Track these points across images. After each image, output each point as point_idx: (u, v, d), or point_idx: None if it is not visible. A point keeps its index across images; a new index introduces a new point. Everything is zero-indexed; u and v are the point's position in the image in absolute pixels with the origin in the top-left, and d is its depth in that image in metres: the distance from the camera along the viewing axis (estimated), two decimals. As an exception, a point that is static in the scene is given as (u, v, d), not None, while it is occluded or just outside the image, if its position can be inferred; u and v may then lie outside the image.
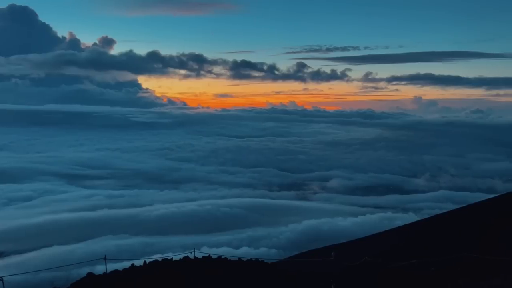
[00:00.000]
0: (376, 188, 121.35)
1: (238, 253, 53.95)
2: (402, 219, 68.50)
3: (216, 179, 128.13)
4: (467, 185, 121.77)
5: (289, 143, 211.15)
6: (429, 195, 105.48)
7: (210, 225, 73.08)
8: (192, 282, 15.43)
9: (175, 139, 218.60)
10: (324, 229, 69.81)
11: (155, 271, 16.29)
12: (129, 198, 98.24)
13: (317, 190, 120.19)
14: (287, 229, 70.18)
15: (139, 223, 74.44)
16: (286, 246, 61.94)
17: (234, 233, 69.40)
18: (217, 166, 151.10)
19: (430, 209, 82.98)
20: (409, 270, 17.50)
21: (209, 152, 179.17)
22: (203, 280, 15.56)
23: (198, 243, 58.56)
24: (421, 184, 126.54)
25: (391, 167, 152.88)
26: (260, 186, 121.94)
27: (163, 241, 64.12)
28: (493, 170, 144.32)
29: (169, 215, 78.73)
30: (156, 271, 16.36)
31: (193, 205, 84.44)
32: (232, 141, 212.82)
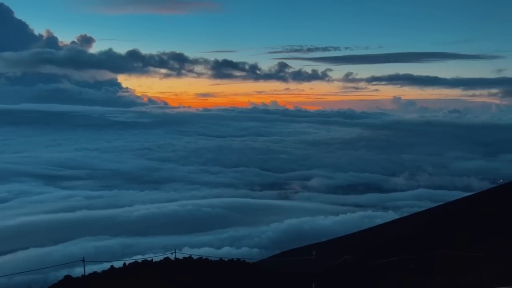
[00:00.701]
0: (356, 187, 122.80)
1: (220, 253, 53.80)
2: (382, 217, 69.54)
3: (197, 179, 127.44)
4: (445, 183, 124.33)
5: (271, 142, 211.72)
6: (408, 193, 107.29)
7: (191, 225, 72.67)
8: (173, 283, 15.26)
9: (155, 139, 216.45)
10: (306, 228, 70.24)
11: (135, 273, 16.05)
12: (109, 199, 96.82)
13: (299, 189, 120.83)
14: (268, 229, 70.32)
15: (118, 224, 73.47)
16: (268, 246, 62.06)
17: (216, 233, 69.17)
18: (198, 166, 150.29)
19: (409, 207, 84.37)
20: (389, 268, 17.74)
21: (190, 152, 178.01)
22: (184, 280, 15.41)
23: (179, 243, 58.12)
24: (400, 182, 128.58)
25: (371, 166, 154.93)
26: (242, 185, 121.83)
27: (143, 242, 63.43)
28: (470, 168, 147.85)
29: (149, 215, 77.93)
30: (136, 272, 16.12)
31: (174, 206, 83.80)
32: (213, 141, 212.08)
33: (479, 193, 41.68)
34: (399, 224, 39.29)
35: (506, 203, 29.61)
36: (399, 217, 49.95)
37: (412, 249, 23.02)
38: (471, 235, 24.55)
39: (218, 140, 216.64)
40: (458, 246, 19.88)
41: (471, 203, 35.57)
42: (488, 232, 23.88)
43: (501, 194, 34.92)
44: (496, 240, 20.69)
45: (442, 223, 30.90)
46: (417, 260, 18.94)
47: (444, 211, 36.78)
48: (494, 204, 30.71)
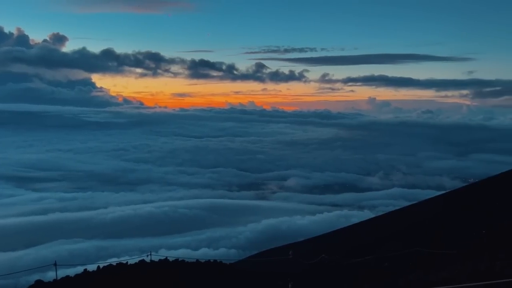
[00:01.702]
0: (332, 187, 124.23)
1: (197, 254, 53.42)
2: (358, 216, 70.55)
3: (174, 180, 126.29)
4: (418, 182, 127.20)
5: (248, 143, 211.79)
6: (383, 192, 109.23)
7: (168, 227, 71.95)
8: (148, 286, 15.03)
9: (130, 140, 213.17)
10: (283, 228, 70.58)
11: (109, 276, 15.73)
12: (83, 201, 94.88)
13: (276, 190, 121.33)
14: (246, 229, 70.35)
15: (93, 227, 72.12)
16: (246, 246, 62.05)
17: (193, 234, 68.71)
18: (175, 166, 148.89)
19: (384, 206, 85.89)
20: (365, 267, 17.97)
21: (167, 153, 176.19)
22: (160, 283, 15.20)
23: (155, 245, 57.42)
24: (376, 182, 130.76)
25: (347, 166, 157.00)
26: (219, 186, 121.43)
27: (118, 245, 62.44)
28: (442, 168, 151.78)
29: (125, 217, 76.73)
30: (110, 275, 15.80)
31: (150, 207, 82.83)
32: (190, 141, 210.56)
33: (451, 192, 42.85)
34: (374, 223, 39.94)
35: (476, 201, 30.50)
36: (374, 216, 50.75)
37: (387, 248, 23.42)
38: (444, 233, 25.16)
39: (195, 140, 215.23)
40: (432, 243, 20.33)
41: (444, 202, 36.49)
42: (460, 230, 24.52)
43: (471, 193, 35.95)
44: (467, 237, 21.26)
45: (417, 222, 31.59)
46: (392, 258, 19.27)
47: (418, 210, 37.62)
48: (465, 202, 31.60)
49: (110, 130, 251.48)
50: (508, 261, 7.71)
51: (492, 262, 8.06)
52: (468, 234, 21.46)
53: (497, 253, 9.34)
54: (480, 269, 7.86)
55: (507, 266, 7.35)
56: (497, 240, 14.23)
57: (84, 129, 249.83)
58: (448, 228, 26.09)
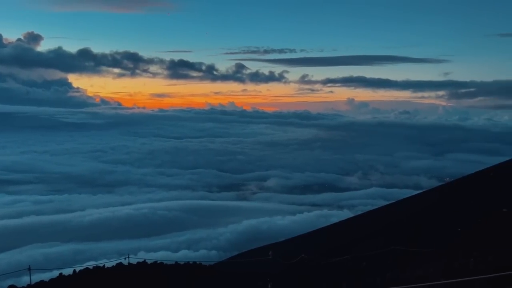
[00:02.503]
0: (312, 187, 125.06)
1: (177, 256, 52.94)
2: (337, 216, 71.17)
3: (153, 181, 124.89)
4: (396, 182, 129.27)
5: (229, 143, 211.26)
6: (362, 192, 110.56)
7: (147, 229, 71.11)
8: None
9: (108, 141, 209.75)
10: (264, 228, 70.65)
11: (85, 280, 15.40)
12: (59, 204, 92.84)
13: (257, 190, 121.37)
14: (227, 230, 70.12)
15: (70, 230, 70.74)
16: (226, 247, 61.86)
17: (173, 236, 68.10)
18: (154, 168, 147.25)
19: (363, 205, 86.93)
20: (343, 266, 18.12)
21: (145, 154, 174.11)
22: (137, 286, 14.96)
23: (134, 248, 56.80)
24: (354, 182, 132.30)
25: (327, 166, 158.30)
26: (200, 187, 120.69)
27: (96, 248, 61.39)
28: (419, 167, 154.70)
29: (103, 220, 75.48)
30: (86, 279, 15.46)
31: (128, 209, 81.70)
32: (169, 142, 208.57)
33: (427, 191, 43.72)
34: (353, 222, 40.39)
35: (452, 200, 31.21)
36: (353, 216, 51.34)
37: (366, 247, 23.70)
38: (421, 231, 25.63)
39: (174, 141, 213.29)
40: (409, 242, 20.67)
41: (421, 201, 37.20)
42: (436, 228, 25.02)
43: (447, 192, 36.76)
44: (443, 235, 21.69)
45: (395, 221, 32.09)
46: (370, 257, 19.50)
47: (396, 209, 38.24)
48: (441, 201, 32.28)
49: (87, 131, 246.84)
50: (481, 258, 7.89)
51: (466, 260, 8.23)
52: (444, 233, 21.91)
53: (471, 251, 9.56)
54: (455, 266, 8.01)
55: (480, 263, 7.51)
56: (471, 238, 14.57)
57: (60, 130, 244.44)
58: (425, 226, 26.59)
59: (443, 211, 29.01)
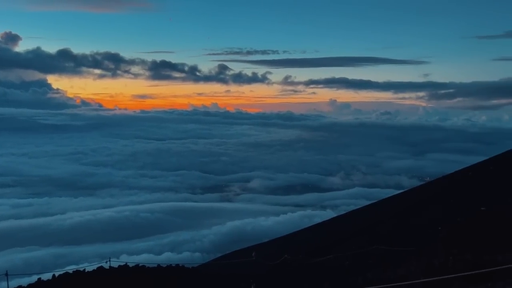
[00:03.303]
0: (295, 187, 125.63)
1: (160, 259, 52.50)
2: (320, 216, 71.69)
3: (135, 183, 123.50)
4: (378, 182, 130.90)
5: (212, 145, 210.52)
6: (345, 192, 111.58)
7: (129, 232, 70.32)
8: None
9: (89, 143, 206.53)
10: (248, 229, 70.68)
11: (65, 285, 15.09)
12: (38, 207, 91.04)
13: (240, 191, 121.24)
14: (210, 232, 69.86)
15: (50, 234, 69.42)
16: (210, 249, 61.65)
17: (156, 239, 67.50)
18: (136, 170, 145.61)
19: (346, 205, 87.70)
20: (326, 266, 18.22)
21: (127, 156, 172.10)
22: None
23: (116, 251, 56.01)
24: (337, 182, 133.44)
25: (310, 166, 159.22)
26: (183, 189, 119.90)
27: (77, 251, 60.45)
28: (400, 167, 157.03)
29: (84, 223, 74.32)
30: (65, 284, 15.16)
31: (110, 212, 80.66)
32: (152, 144, 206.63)
33: (408, 191, 44.39)
34: (336, 222, 40.70)
35: (432, 199, 31.74)
36: (336, 216, 51.74)
37: (348, 246, 23.91)
38: (402, 230, 25.98)
39: (156, 143, 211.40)
40: (391, 241, 20.93)
41: (402, 200, 37.73)
42: (418, 227, 25.40)
43: (428, 191, 37.38)
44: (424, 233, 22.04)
45: (377, 220, 32.45)
46: (352, 256, 19.68)
47: (378, 209, 38.70)
48: (422, 201, 32.79)
49: (68, 133, 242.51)
50: (460, 256, 8.03)
51: (446, 258, 8.37)
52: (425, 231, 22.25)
53: (451, 249, 9.73)
54: (435, 264, 8.14)
55: (459, 261, 7.65)
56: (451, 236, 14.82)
57: (39, 132, 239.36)
58: (407, 225, 26.97)
59: (424, 210, 29.46)
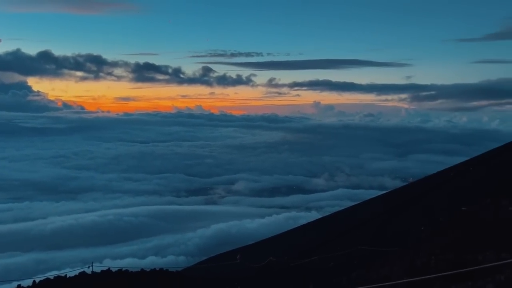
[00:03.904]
0: (280, 189, 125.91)
1: (144, 263, 52.00)
2: (305, 217, 71.93)
3: (118, 187, 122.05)
4: (362, 183, 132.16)
5: (196, 147, 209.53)
6: (329, 193, 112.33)
7: (113, 236, 69.55)
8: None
9: (71, 146, 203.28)
10: (233, 232, 70.53)
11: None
12: (19, 212, 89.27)
13: (225, 194, 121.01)
14: (195, 235, 69.56)
15: (31, 239, 68.19)
16: (195, 252, 61.33)
17: (140, 243, 66.92)
18: (119, 173, 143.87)
19: (330, 206, 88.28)
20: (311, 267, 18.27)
21: (110, 159, 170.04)
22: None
23: (99, 256, 55.31)
24: (321, 183, 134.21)
25: (294, 168, 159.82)
26: (167, 192, 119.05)
27: (59, 256, 59.54)
28: (383, 168, 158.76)
29: (66, 227, 73.20)
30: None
31: (93, 216, 79.65)
32: (135, 147, 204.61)
33: (392, 191, 44.90)
34: (321, 223, 40.89)
35: (415, 199, 32.17)
36: (321, 217, 51.98)
37: (333, 247, 24.02)
38: (386, 231, 26.25)
39: (140, 146, 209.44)
40: (375, 242, 21.12)
41: (386, 201, 38.13)
42: (401, 227, 25.71)
43: (410, 192, 37.88)
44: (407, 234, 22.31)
45: (361, 221, 32.73)
46: (337, 257, 19.78)
47: (362, 209, 39.03)
48: (405, 201, 33.20)
49: (49, 136, 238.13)
50: (442, 255, 8.14)
51: (428, 258, 8.47)
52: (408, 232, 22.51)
53: (433, 249, 9.86)
54: (417, 264, 8.23)
55: (441, 260, 7.75)
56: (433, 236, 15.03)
57: (20, 136, 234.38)
58: (390, 226, 27.27)
59: (407, 210, 29.84)
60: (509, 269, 6.44)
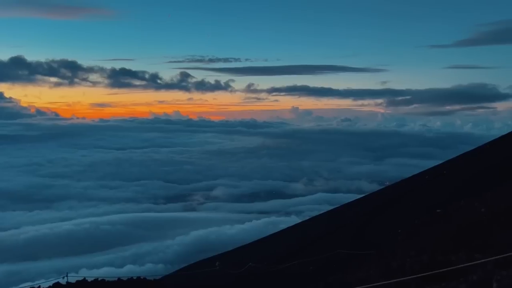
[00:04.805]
0: (260, 194, 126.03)
1: (122, 272, 51.07)
2: (285, 222, 72.05)
3: (94, 195, 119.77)
4: (340, 187, 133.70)
5: (174, 153, 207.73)
6: (308, 198, 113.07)
7: (89, 245, 68.20)
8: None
9: (45, 153, 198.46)
10: (212, 238, 70.11)
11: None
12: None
13: (205, 200, 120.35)
14: (174, 242, 68.91)
15: (3, 250, 66.10)
16: (174, 260, 60.66)
17: (117, 252, 65.78)
18: (96, 181, 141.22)
19: (310, 211, 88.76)
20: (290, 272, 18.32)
21: (86, 166, 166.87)
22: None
23: (75, 265, 54.06)
24: (300, 188, 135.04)
25: (274, 173, 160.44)
26: (145, 199, 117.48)
27: (33, 268, 57.83)
28: (361, 172, 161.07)
29: (40, 237, 71.33)
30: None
31: (68, 225, 77.98)
32: (111, 154, 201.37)
33: (369, 195, 45.53)
34: (301, 228, 41.08)
35: (392, 202, 32.70)
36: (301, 221, 52.24)
37: (313, 252, 24.16)
38: (364, 234, 26.57)
39: (117, 152, 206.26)
40: (353, 245, 21.35)
41: (364, 204, 38.62)
42: (378, 230, 26.06)
43: (387, 195, 38.48)
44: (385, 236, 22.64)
45: (340, 224, 33.04)
46: (316, 262, 19.90)
47: (341, 213, 39.43)
48: (382, 204, 33.71)
49: (22, 143, 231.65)
50: (417, 257, 8.30)
51: (403, 260, 8.63)
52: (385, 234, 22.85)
53: (408, 251, 10.05)
54: (393, 266, 8.37)
55: (416, 262, 7.90)
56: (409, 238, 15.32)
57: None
58: (368, 229, 27.62)
59: (384, 213, 30.29)
60: (481, 269, 6.63)
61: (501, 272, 6.17)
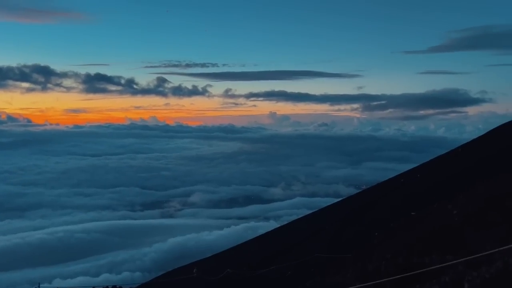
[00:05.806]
0: (238, 200, 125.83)
1: (97, 281, 49.96)
2: (264, 227, 72.15)
3: (69, 202, 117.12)
4: (318, 191, 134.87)
5: (151, 159, 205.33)
6: (286, 202, 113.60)
7: (63, 254, 66.67)
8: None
9: (17, 161, 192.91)
10: (190, 245, 69.56)
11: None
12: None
13: (182, 207, 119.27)
14: (151, 250, 68.07)
15: (-28, 261, 63.66)
16: (151, 268, 59.96)
17: (92, 260, 64.49)
18: (70, 188, 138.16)
19: (288, 215, 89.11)
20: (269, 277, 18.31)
21: (60, 174, 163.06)
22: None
23: (49, 275, 52.71)
24: (279, 193, 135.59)
25: (252, 178, 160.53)
26: (121, 207, 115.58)
27: (4, 278, 56.26)
28: (338, 176, 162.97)
29: (11, 247, 69.26)
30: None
31: (41, 234, 76.04)
32: (86, 160, 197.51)
33: (346, 199, 46.05)
34: (279, 232, 41.15)
35: (369, 206, 33.17)
36: (279, 226, 52.35)
37: (291, 256, 24.24)
38: (342, 237, 26.84)
39: (92, 159, 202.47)
40: (331, 248, 21.53)
41: (341, 208, 39.02)
42: (355, 233, 26.36)
43: (364, 198, 39.00)
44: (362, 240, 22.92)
45: (318, 228, 33.27)
46: (295, 266, 19.97)
47: (319, 217, 39.72)
48: (359, 207, 34.14)
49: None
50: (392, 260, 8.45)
51: (379, 262, 8.76)
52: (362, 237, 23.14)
53: (384, 253, 10.21)
54: (369, 269, 8.49)
55: (391, 265, 8.04)
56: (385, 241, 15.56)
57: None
58: (346, 232, 27.91)
59: (361, 217, 30.67)
60: (453, 270, 6.80)
61: (472, 272, 6.35)
